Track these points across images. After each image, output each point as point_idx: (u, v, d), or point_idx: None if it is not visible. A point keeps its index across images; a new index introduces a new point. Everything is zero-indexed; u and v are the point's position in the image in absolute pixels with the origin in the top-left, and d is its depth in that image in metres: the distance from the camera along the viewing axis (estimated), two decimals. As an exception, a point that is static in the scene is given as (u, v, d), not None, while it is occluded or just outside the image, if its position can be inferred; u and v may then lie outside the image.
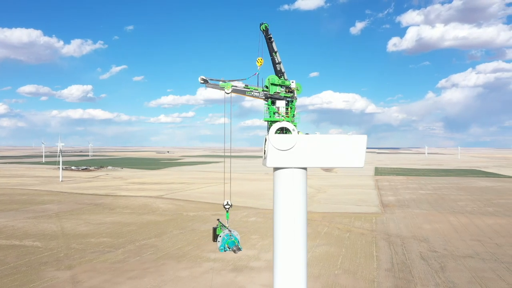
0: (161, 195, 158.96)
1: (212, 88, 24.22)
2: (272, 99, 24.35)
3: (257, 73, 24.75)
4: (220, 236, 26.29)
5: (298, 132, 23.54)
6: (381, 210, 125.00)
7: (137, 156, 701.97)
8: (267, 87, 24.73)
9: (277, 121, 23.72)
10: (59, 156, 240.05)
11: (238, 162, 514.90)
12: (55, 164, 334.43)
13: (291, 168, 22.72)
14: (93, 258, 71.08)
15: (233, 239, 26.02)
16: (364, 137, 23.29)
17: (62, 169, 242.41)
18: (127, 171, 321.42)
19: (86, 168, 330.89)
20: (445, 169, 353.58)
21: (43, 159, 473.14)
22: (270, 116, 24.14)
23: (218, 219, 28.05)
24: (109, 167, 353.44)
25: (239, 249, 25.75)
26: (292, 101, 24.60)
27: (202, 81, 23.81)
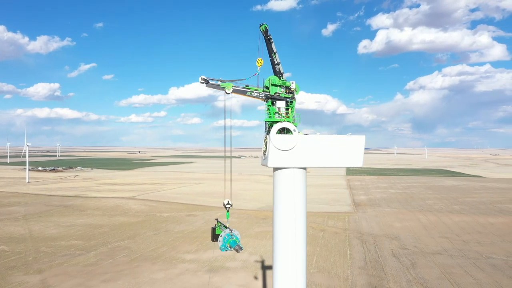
0: (133, 196, 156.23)
1: (213, 88, 24.07)
2: (272, 99, 24.45)
3: (257, 73, 24.80)
4: (221, 236, 26.01)
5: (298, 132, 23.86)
6: (354, 209, 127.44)
7: (107, 156, 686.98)
8: (267, 87, 24.78)
9: (278, 122, 23.85)
10: (23, 156, 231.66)
11: (211, 162, 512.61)
12: (21, 165, 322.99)
13: (292, 168, 22.92)
14: (64, 261, 69.11)
15: (234, 239, 25.89)
16: (363, 137, 23.76)
17: (29, 169, 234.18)
18: (98, 171, 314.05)
19: (54, 169, 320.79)
20: (413, 168, 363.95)
21: (8, 160, 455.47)
22: (270, 117, 24.26)
23: (216, 219, 27.85)
24: (79, 168, 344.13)
25: (241, 248, 25.62)
26: (292, 102, 24.75)
27: (203, 81, 23.65)
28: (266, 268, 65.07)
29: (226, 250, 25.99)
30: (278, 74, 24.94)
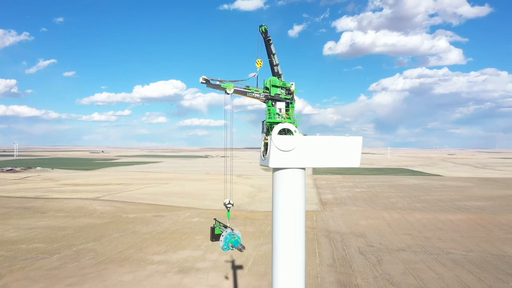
0: (97, 197, 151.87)
1: (213, 88, 23.83)
2: (272, 100, 24.47)
3: (256, 74, 24.76)
4: (222, 236, 25.80)
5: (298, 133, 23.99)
6: (321, 208, 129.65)
7: (69, 156, 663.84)
8: (267, 88, 24.76)
9: (279, 123, 23.90)
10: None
11: (178, 162, 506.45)
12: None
13: (292, 168, 23.07)
14: (26, 265, 66.31)
15: (236, 238, 25.67)
16: (360, 138, 24.19)
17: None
18: (59, 172, 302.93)
19: (11, 169, 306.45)
20: (377, 168, 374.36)
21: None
22: (271, 118, 24.29)
23: (215, 219, 27.58)
24: (38, 168, 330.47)
25: (244, 247, 25.50)
26: (291, 103, 24.83)
27: (204, 81, 23.40)
28: (236, 267, 65.14)
29: (228, 250, 25.85)
30: (276, 75, 25.06)
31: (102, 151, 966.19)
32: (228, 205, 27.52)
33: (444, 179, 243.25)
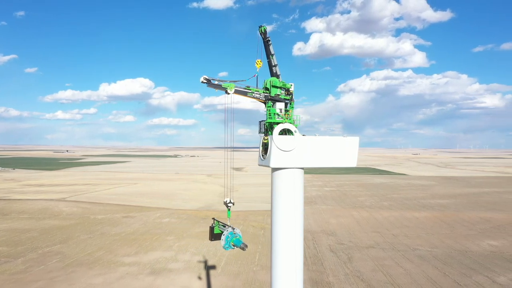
0: (63, 198, 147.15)
1: (214, 88, 23.58)
2: (272, 101, 24.47)
3: (256, 74, 24.77)
4: (223, 235, 25.50)
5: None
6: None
7: (31, 156, 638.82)
8: (267, 88, 24.75)
9: (279, 123, 23.94)
10: None
11: (146, 161, 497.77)
12: None
13: (292, 168, 23.17)
14: (-12, 270, 63.44)
15: (237, 237, 25.43)
16: (357, 139, 24.57)
17: None
18: (21, 172, 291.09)
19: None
20: (345, 167, 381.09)
21: None
22: (271, 118, 24.29)
23: (213, 218, 27.31)
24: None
25: (246, 246, 25.29)
26: (290, 103, 24.90)
27: (205, 81, 23.14)
28: (209, 268, 64.88)
29: (229, 249, 25.63)
30: (275, 75, 25.17)
31: (67, 151, 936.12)
32: (229, 204, 27.35)
33: (409, 178, 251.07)
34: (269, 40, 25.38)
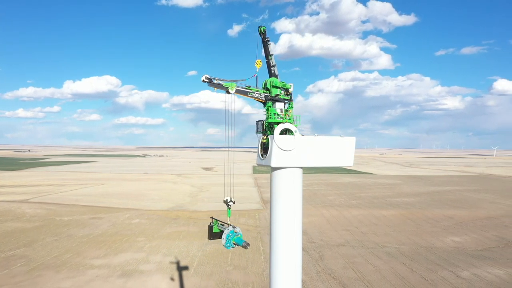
0: (26, 199, 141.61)
1: (215, 87, 23.30)
2: (272, 101, 24.54)
3: (256, 74, 24.70)
4: (224, 233, 25.20)
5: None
6: (263, 206, 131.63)
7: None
8: (267, 88, 24.78)
9: (280, 123, 24.05)
10: None
11: (113, 161, 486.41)
12: None
13: (292, 168, 23.34)
14: None
15: (239, 236, 25.19)
16: (353, 138, 24.92)
17: None
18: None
19: None
20: (314, 166, 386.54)
21: None
22: (271, 118, 24.36)
23: (211, 217, 27.02)
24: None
25: (248, 244, 25.03)
26: (289, 103, 25.00)
27: (207, 80, 22.85)
28: (182, 269, 64.28)
29: (231, 248, 25.37)
30: (273, 75, 25.28)
31: (29, 150, 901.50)
32: (230, 203, 27.14)
33: (376, 177, 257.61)
34: (268, 40, 25.66)
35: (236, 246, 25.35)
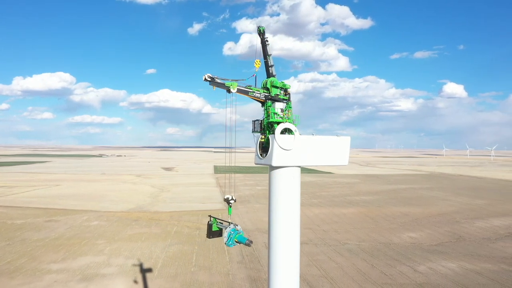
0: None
1: (217, 86, 23.08)
2: (272, 100, 24.63)
3: (255, 74, 24.77)
4: (226, 231, 25.00)
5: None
6: (225, 206, 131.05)
7: None
8: (267, 88, 24.83)
9: (280, 122, 24.17)
10: None
11: (68, 161, 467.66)
12: None
13: (291, 166, 23.56)
14: None
15: (241, 233, 25.02)
16: (348, 138, 25.40)
17: None
18: None
19: None
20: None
21: None
22: (271, 117, 24.43)
23: (210, 215, 26.73)
24: None
25: (252, 242, 25.06)
26: (287, 103, 25.09)
27: (209, 79, 22.58)
28: (145, 271, 62.99)
29: (233, 246, 25.27)
30: (271, 75, 25.48)
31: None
32: (231, 201, 27.15)
33: (335, 176, 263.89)
34: (267, 41, 25.86)
35: (238, 244, 25.48)
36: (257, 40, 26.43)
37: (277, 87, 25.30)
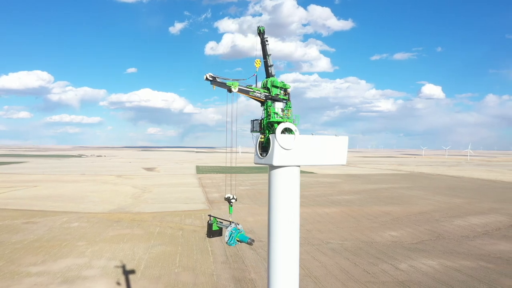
0: None
1: (218, 86, 22.89)
2: (272, 100, 24.61)
3: (255, 74, 24.67)
4: (227, 230, 24.80)
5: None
6: (208, 206, 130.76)
7: None
8: (267, 88, 24.77)
9: (280, 122, 24.15)
10: None
11: (47, 162, 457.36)
12: None
13: (291, 166, 23.58)
14: None
15: (242, 232, 24.97)
16: (346, 138, 25.62)
17: None
18: None
19: None
20: (257, 166, 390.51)
21: None
22: (272, 117, 24.39)
23: (209, 215, 26.49)
24: None
25: (253, 241, 25.07)
26: (287, 103, 25.09)
27: (211, 78, 22.32)
28: (128, 273, 62.19)
29: (235, 245, 25.15)
30: (270, 75, 25.46)
31: None
32: (232, 200, 26.96)
33: (318, 176, 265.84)
34: (267, 41, 25.91)
35: (240, 243, 25.44)
36: (257, 40, 26.52)
37: (277, 87, 25.40)
